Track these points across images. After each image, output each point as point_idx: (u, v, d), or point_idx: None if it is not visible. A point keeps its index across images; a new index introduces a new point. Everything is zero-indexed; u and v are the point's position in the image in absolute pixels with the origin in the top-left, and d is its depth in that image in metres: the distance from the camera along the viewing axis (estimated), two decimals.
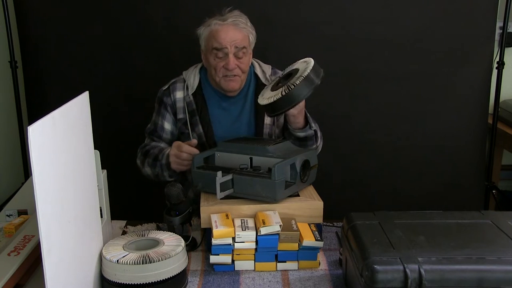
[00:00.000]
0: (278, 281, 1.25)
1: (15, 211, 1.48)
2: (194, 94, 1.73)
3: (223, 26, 1.64)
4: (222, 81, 1.67)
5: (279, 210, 1.37)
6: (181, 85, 1.75)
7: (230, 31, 1.64)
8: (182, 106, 1.74)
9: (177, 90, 1.75)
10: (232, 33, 1.64)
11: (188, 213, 1.42)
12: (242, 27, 1.67)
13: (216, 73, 1.67)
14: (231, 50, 1.63)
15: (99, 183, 1.26)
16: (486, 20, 2.31)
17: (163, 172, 1.66)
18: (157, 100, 1.78)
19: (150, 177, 1.74)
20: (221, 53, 1.64)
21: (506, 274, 0.97)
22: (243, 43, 1.65)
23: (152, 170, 1.69)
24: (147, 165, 1.70)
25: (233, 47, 1.63)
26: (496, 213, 1.22)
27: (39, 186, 0.84)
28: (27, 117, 2.46)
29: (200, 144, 1.72)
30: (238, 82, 1.68)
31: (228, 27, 1.64)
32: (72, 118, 1.02)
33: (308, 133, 1.63)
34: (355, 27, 2.30)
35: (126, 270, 1.12)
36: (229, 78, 1.66)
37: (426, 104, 2.39)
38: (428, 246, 1.05)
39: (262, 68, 1.79)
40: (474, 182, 2.48)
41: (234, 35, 1.64)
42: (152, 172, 1.70)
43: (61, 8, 2.29)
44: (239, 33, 1.65)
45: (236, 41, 1.63)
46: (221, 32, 1.64)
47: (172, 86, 1.76)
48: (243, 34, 1.66)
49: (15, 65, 2.42)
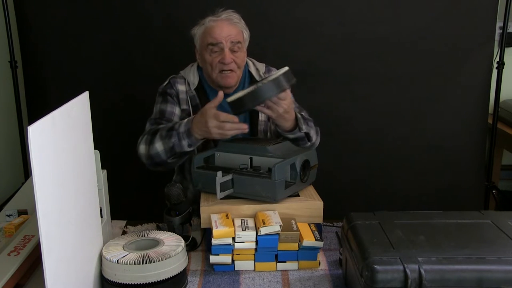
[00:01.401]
0: (278, 281, 1.25)
1: (15, 211, 1.48)
2: (196, 89, 1.74)
3: (217, 22, 1.67)
4: (218, 77, 1.67)
5: (279, 210, 1.37)
6: (182, 81, 1.76)
7: (225, 26, 1.66)
8: (185, 99, 1.74)
9: (178, 84, 1.75)
10: (226, 28, 1.66)
11: (188, 213, 1.42)
12: (236, 22, 1.69)
13: (212, 69, 1.67)
14: (227, 44, 1.65)
15: (99, 183, 1.26)
16: (486, 20, 2.31)
17: (180, 141, 1.53)
18: (159, 94, 1.76)
19: (159, 157, 1.58)
20: (216, 47, 1.66)
21: (506, 274, 0.97)
22: (238, 38, 1.67)
23: (165, 143, 1.55)
24: (159, 139, 1.57)
25: (229, 42, 1.65)
26: (496, 213, 1.22)
27: (39, 186, 0.84)
28: (27, 117, 2.46)
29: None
30: (234, 78, 1.69)
31: (222, 23, 1.67)
32: (72, 118, 1.02)
33: (297, 135, 1.61)
34: (355, 27, 2.30)
35: (126, 270, 1.12)
36: (225, 74, 1.67)
37: (426, 104, 2.39)
38: (428, 246, 1.05)
39: (256, 66, 1.80)
40: (474, 182, 2.48)
41: (228, 30, 1.66)
42: (164, 146, 1.56)
43: (61, 8, 2.29)
44: (233, 28, 1.67)
45: (231, 35, 1.65)
46: (216, 28, 1.66)
47: (173, 80, 1.76)
48: (237, 29, 1.68)
49: (15, 65, 2.43)
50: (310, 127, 1.67)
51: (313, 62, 2.32)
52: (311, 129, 1.67)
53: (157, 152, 1.58)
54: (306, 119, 1.68)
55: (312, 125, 1.70)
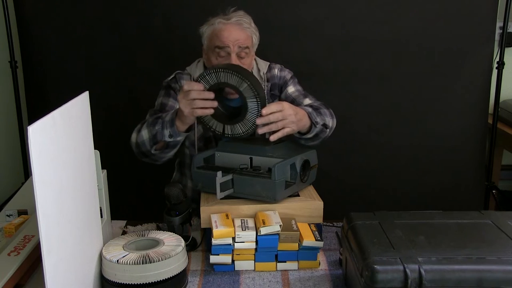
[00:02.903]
0: (278, 281, 1.25)
1: (15, 211, 1.48)
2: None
3: (226, 25, 1.63)
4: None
5: (279, 210, 1.37)
6: (187, 77, 1.74)
7: (234, 30, 1.62)
8: None
9: (183, 79, 1.73)
10: (235, 33, 1.62)
11: (188, 213, 1.42)
12: (246, 27, 1.65)
13: None
14: (234, 49, 1.61)
15: (99, 183, 1.26)
16: (486, 20, 2.31)
17: (163, 129, 1.50)
18: (163, 87, 1.74)
19: (144, 145, 1.56)
20: (223, 52, 1.62)
21: (506, 274, 0.97)
22: (246, 43, 1.63)
23: (150, 130, 1.53)
24: (146, 126, 1.55)
25: (236, 47, 1.61)
26: (496, 213, 1.22)
27: (39, 186, 0.84)
28: (27, 117, 2.46)
29: (206, 138, 1.71)
30: None
31: (231, 26, 1.63)
32: (72, 118, 1.02)
33: (315, 131, 1.56)
34: (355, 27, 2.30)
35: (126, 270, 1.12)
36: None
37: (426, 104, 2.39)
38: (428, 246, 1.05)
39: (258, 66, 1.77)
40: (474, 182, 2.48)
41: (237, 35, 1.62)
42: (149, 134, 1.54)
43: (61, 8, 2.29)
44: (242, 33, 1.63)
45: (239, 40, 1.61)
46: (224, 31, 1.62)
47: (178, 75, 1.74)
48: (246, 34, 1.65)
49: (15, 65, 2.43)
50: (324, 115, 1.61)
51: (313, 62, 2.32)
52: (325, 117, 1.61)
53: (143, 140, 1.56)
54: (316, 108, 1.61)
55: (325, 112, 1.63)
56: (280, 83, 1.76)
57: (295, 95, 1.73)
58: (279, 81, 1.76)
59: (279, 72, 1.77)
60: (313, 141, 1.61)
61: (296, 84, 1.78)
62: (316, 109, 1.61)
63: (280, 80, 1.76)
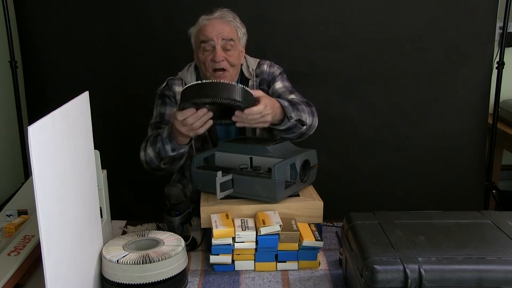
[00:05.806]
0: (278, 281, 1.26)
1: (15, 211, 1.48)
2: None
3: (210, 21, 1.67)
4: (212, 77, 1.66)
5: (279, 210, 1.37)
6: (179, 82, 1.77)
7: (217, 24, 1.66)
8: None
9: (175, 85, 1.76)
10: (218, 26, 1.66)
11: (188, 213, 1.42)
12: (229, 21, 1.69)
13: (206, 68, 1.67)
14: (218, 42, 1.64)
15: (99, 183, 1.26)
16: (486, 20, 2.31)
17: (164, 146, 1.56)
18: (158, 97, 1.77)
19: (153, 162, 1.62)
20: (208, 45, 1.65)
21: (506, 274, 0.97)
22: (230, 35, 1.66)
23: (153, 149, 1.60)
24: (149, 145, 1.62)
25: (220, 39, 1.64)
26: (496, 213, 1.22)
27: (39, 186, 0.84)
28: (27, 117, 2.46)
29: (202, 138, 1.72)
30: (227, 77, 1.66)
31: (214, 21, 1.67)
32: (72, 118, 1.02)
33: (288, 125, 1.57)
34: (355, 27, 2.30)
35: (126, 270, 1.12)
36: (218, 73, 1.65)
37: (426, 104, 2.39)
38: (428, 246, 1.05)
39: (247, 63, 1.78)
40: (474, 182, 2.48)
41: (220, 28, 1.66)
42: (154, 152, 1.60)
43: (61, 8, 2.29)
44: (226, 25, 1.67)
45: (222, 33, 1.65)
46: (208, 26, 1.66)
47: (170, 81, 1.77)
48: (230, 27, 1.68)
49: (15, 65, 2.43)
50: (301, 111, 1.61)
51: (313, 62, 2.32)
52: (302, 113, 1.60)
53: (150, 158, 1.63)
54: (295, 103, 1.61)
55: (303, 108, 1.62)
56: (269, 78, 1.78)
57: (281, 91, 1.75)
58: (267, 76, 1.78)
59: (268, 68, 1.79)
60: (287, 134, 1.62)
61: (285, 80, 1.79)
62: (293, 104, 1.60)
63: (268, 76, 1.78)
